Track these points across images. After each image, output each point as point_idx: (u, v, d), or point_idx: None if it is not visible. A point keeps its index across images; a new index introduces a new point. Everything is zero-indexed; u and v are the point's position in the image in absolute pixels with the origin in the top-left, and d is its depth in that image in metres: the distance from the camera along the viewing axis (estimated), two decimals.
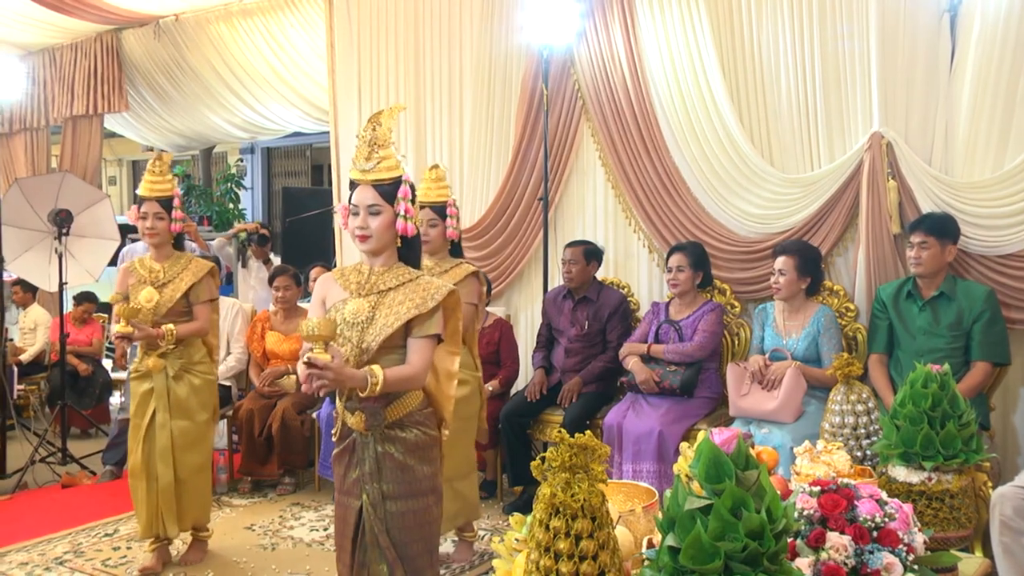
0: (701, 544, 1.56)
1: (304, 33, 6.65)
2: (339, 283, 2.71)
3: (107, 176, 15.47)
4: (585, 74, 5.24)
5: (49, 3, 6.64)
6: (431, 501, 2.66)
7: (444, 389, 2.76)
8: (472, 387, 4.02)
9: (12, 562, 4.34)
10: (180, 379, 4.11)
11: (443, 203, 3.99)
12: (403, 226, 2.62)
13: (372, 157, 2.61)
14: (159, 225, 4.07)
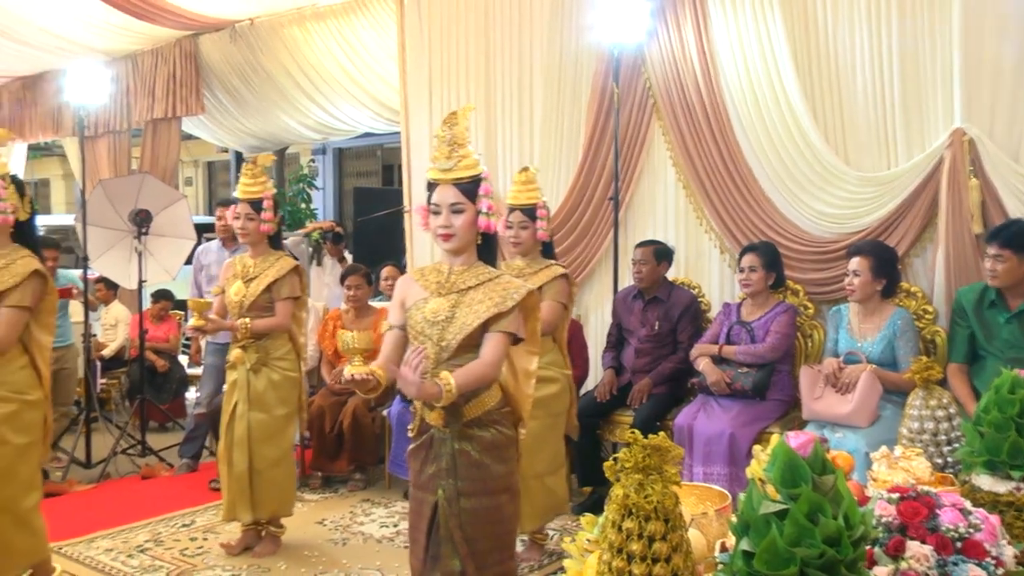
0: (776, 549, 1.54)
1: (376, 35, 6.72)
2: (419, 283, 2.73)
3: (184, 177, 15.85)
4: (656, 72, 5.20)
5: (133, 11, 6.85)
6: (504, 499, 2.68)
7: (523, 388, 2.76)
8: (562, 384, 4.12)
9: (99, 548, 4.50)
10: (258, 373, 4.26)
11: (533, 205, 4.05)
12: (486, 223, 2.64)
13: (452, 156, 2.63)
14: (249, 225, 4.25)
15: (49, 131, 9.19)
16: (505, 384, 2.73)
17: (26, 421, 3.44)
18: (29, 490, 3.48)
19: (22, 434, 3.43)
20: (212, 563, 4.28)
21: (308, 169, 11.91)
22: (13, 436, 3.39)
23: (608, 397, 4.93)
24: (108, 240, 6.49)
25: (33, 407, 3.47)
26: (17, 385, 3.42)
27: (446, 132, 2.66)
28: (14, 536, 3.42)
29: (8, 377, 3.39)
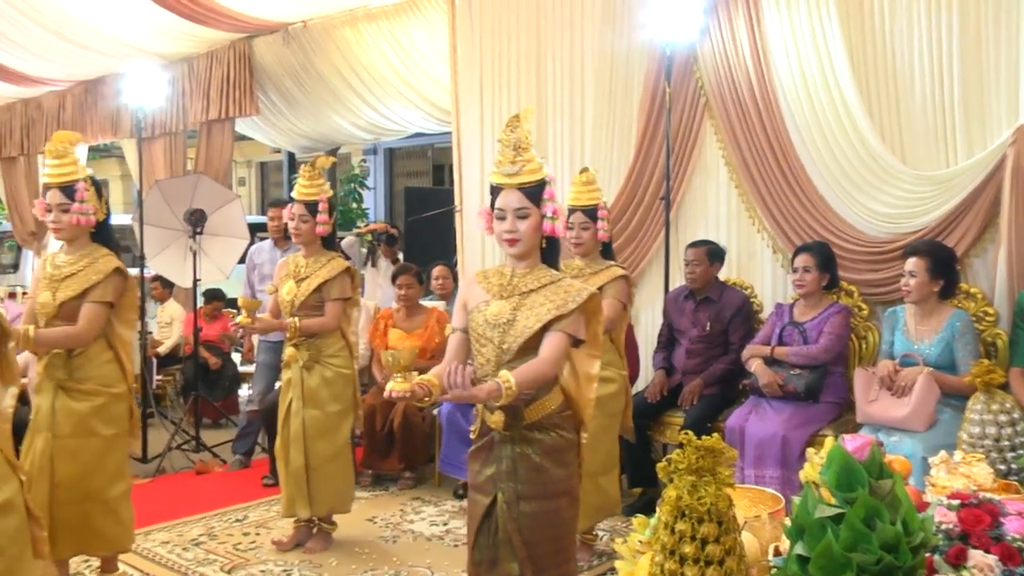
0: (832, 554, 1.51)
1: (427, 36, 6.75)
2: (482, 285, 2.73)
3: (237, 177, 16.09)
4: (708, 71, 5.16)
5: (189, 14, 6.97)
6: (564, 503, 2.66)
7: (584, 392, 2.75)
8: (618, 385, 4.13)
9: (155, 540, 4.59)
10: (311, 370, 4.30)
11: (594, 206, 4.06)
12: (551, 227, 2.63)
13: (517, 161, 2.62)
14: (303, 227, 4.30)
15: (108, 133, 9.37)
16: (567, 387, 2.72)
17: (113, 413, 3.60)
18: (117, 480, 3.64)
19: (110, 426, 3.59)
20: (264, 558, 4.34)
21: (359, 169, 12.03)
22: (102, 428, 3.56)
23: (659, 398, 4.90)
24: (164, 239, 6.60)
25: (119, 400, 3.62)
26: (104, 379, 3.57)
27: (509, 136, 2.64)
28: (103, 523, 3.58)
29: (95, 372, 3.55)
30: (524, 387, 2.49)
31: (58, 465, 3.49)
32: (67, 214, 3.56)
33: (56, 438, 3.50)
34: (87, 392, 3.55)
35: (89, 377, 3.55)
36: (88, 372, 3.55)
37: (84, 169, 3.65)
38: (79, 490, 3.52)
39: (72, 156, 3.63)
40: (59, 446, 3.50)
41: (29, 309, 3.69)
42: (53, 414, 3.51)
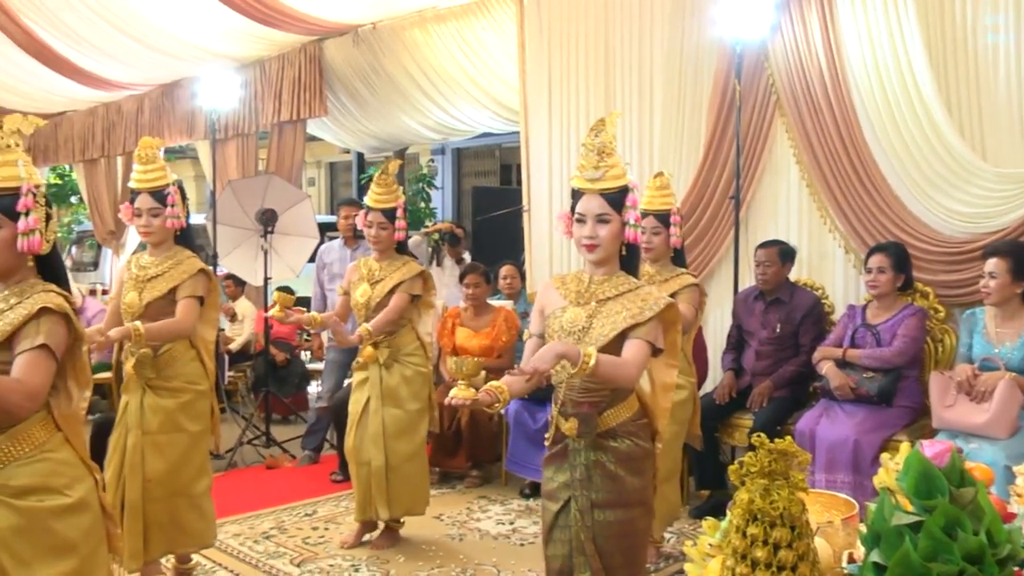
0: (910, 563, 1.47)
1: (495, 36, 6.77)
2: (559, 291, 2.70)
3: (307, 177, 16.33)
4: (780, 68, 5.07)
5: (262, 18, 7.10)
6: (638, 513, 2.64)
7: (660, 401, 2.72)
8: (687, 392, 4.08)
9: (228, 532, 4.68)
10: (390, 368, 4.34)
11: (667, 211, 4.02)
12: (633, 235, 2.60)
13: (600, 166, 2.59)
14: (382, 234, 4.33)
15: (184, 135, 9.59)
16: (642, 396, 2.69)
17: (198, 410, 3.71)
18: (201, 475, 3.74)
19: (195, 422, 3.69)
20: (333, 552, 4.40)
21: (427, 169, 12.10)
22: (188, 424, 3.66)
23: (727, 399, 4.85)
24: (236, 238, 6.74)
25: (203, 397, 3.73)
26: (189, 376, 3.68)
27: (593, 140, 2.61)
28: (188, 517, 3.67)
29: (181, 369, 3.66)
30: (601, 374, 2.45)
31: (149, 461, 3.58)
32: (157, 218, 3.67)
33: (146, 434, 3.59)
34: (174, 389, 3.64)
35: (175, 375, 3.65)
36: (175, 370, 3.65)
37: (171, 174, 3.76)
38: (169, 485, 3.61)
39: (160, 162, 3.74)
40: (149, 442, 3.59)
41: (113, 310, 3.79)
42: (142, 411, 3.60)
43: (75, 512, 2.27)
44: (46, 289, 2.32)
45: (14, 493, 2.19)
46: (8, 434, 2.20)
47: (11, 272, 2.35)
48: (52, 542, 2.23)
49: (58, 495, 2.25)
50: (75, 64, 8.61)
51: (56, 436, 2.29)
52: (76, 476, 2.30)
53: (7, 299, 2.29)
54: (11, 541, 2.17)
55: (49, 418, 2.29)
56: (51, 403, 2.29)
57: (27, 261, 2.36)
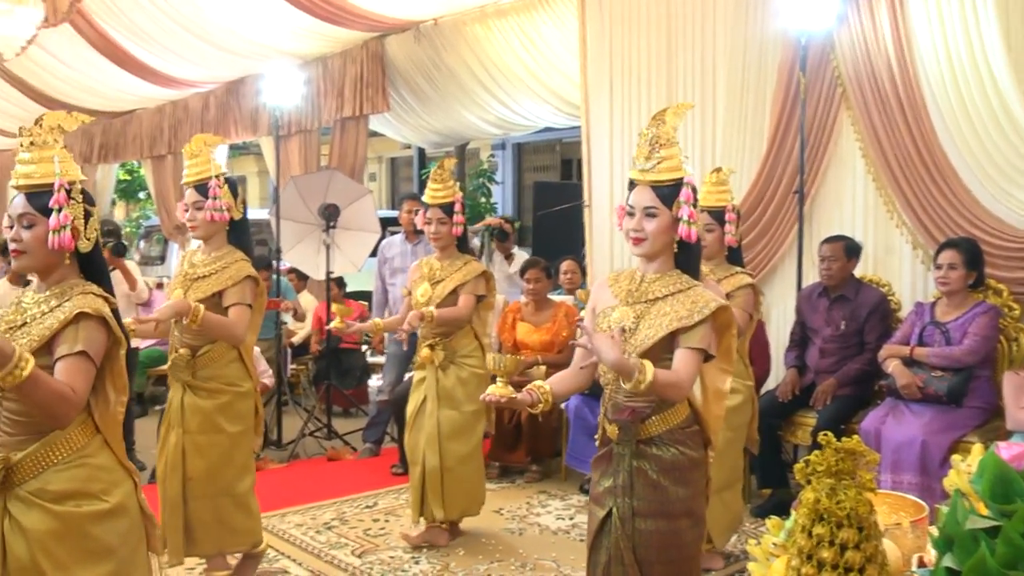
0: (987, 570, 1.42)
1: (556, 30, 6.76)
2: (611, 289, 2.62)
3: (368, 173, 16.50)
4: (846, 59, 4.97)
5: (325, 16, 7.19)
6: (685, 525, 2.52)
7: (713, 408, 2.61)
8: (744, 396, 3.97)
9: (290, 522, 4.78)
10: (446, 370, 4.31)
11: (721, 208, 3.91)
12: (685, 231, 2.49)
13: (652, 157, 2.50)
14: (441, 229, 4.30)
15: (248, 131, 9.76)
16: (694, 402, 2.57)
17: (238, 410, 3.69)
18: (244, 474, 3.73)
19: (235, 423, 3.67)
20: (393, 544, 4.45)
21: (488, 164, 12.14)
22: (227, 424, 3.65)
23: (790, 397, 4.78)
24: (298, 233, 6.83)
25: (245, 397, 3.71)
26: (229, 378, 3.66)
27: (650, 131, 2.53)
28: (234, 516, 3.68)
29: (220, 371, 3.64)
30: (657, 388, 2.36)
31: (189, 460, 3.60)
32: (201, 211, 3.62)
33: (186, 433, 3.61)
34: (211, 391, 3.62)
35: (213, 377, 3.63)
36: (212, 372, 3.63)
37: (218, 167, 3.71)
38: (210, 484, 3.62)
39: (205, 155, 3.69)
40: (189, 441, 3.61)
41: None
42: (183, 410, 3.62)
43: (112, 517, 2.28)
44: (85, 291, 2.30)
45: (52, 498, 2.21)
46: (47, 440, 2.21)
47: (49, 270, 2.33)
48: (89, 546, 2.24)
49: (96, 500, 2.25)
50: (145, 63, 8.83)
51: (95, 440, 2.29)
52: (114, 481, 2.31)
53: (47, 301, 2.28)
54: (49, 545, 2.20)
55: (89, 421, 2.29)
56: (92, 405, 2.29)
57: (64, 259, 2.33)
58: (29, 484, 2.21)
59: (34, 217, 2.29)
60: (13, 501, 2.21)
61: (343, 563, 4.22)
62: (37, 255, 2.30)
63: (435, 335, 4.31)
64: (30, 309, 2.29)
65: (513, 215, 12.44)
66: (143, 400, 7.41)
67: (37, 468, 2.21)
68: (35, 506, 2.20)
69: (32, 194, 2.30)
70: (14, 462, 2.20)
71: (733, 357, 2.66)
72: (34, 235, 2.29)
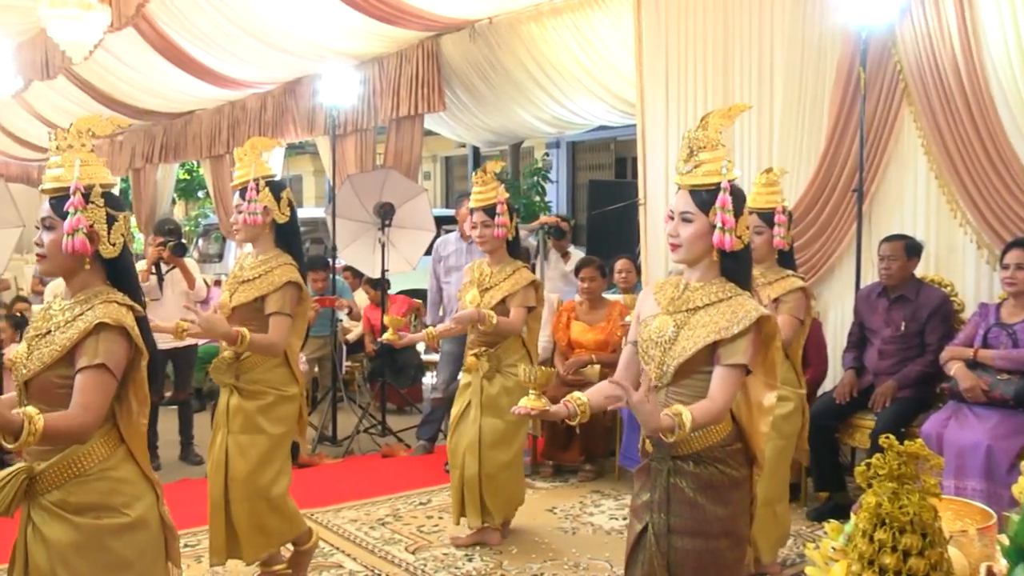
0: None
1: (612, 28, 6.73)
2: (655, 297, 2.54)
3: (422, 171, 16.61)
4: (908, 54, 4.86)
5: (381, 16, 7.25)
6: (724, 545, 2.42)
7: (757, 424, 2.48)
8: (794, 404, 3.85)
9: (344, 518, 4.82)
10: (492, 379, 4.30)
11: (771, 209, 3.80)
12: (719, 239, 2.39)
13: (691, 160, 2.44)
14: (486, 232, 4.26)
15: (305, 131, 9.88)
16: (739, 417, 2.47)
17: (281, 413, 3.69)
18: (280, 477, 3.73)
19: (277, 424, 3.68)
20: (447, 541, 4.47)
21: (542, 162, 12.13)
22: (269, 426, 3.66)
23: (848, 399, 4.69)
24: (354, 231, 6.89)
25: (290, 401, 3.72)
26: (273, 382, 3.66)
27: (692, 133, 2.47)
28: (269, 518, 3.69)
29: (263, 375, 3.65)
30: (697, 428, 2.30)
31: (232, 461, 3.63)
32: (240, 214, 3.65)
33: (230, 434, 3.64)
34: (254, 392, 3.64)
35: (256, 380, 3.64)
36: (255, 376, 3.64)
37: (265, 169, 3.70)
38: (250, 486, 3.63)
39: (250, 158, 3.70)
40: (232, 442, 3.63)
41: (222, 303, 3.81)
42: (228, 411, 3.66)
43: (132, 530, 2.28)
44: (108, 300, 2.27)
45: (74, 510, 2.22)
46: (68, 452, 2.21)
47: (70, 275, 2.32)
48: (108, 559, 2.25)
49: (116, 514, 2.26)
50: (205, 65, 9.00)
51: (119, 451, 2.29)
52: (135, 494, 2.31)
53: (71, 308, 2.27)
54: (69, 557, 2.22)
55: (113, 431, 2.29)
56: (116, 415, 2.29)
57: (84, 264, 2.30)
58: (52, 494, 2.22)
59: (54, 220, 2.29)
60: (36, 510, 2.24)
61: (397, 559, 4.25)
62: (55, 259, 2.31)
63: (481, 343, 4.30)
64: (55, 317, 2.29)
65: (567, 214, 12.41)
66: (202, 396, 7.54)
67: (60, 479, 2.22)
68: (57, 517, 2.22)
69: (55, 198, 2.30)
70: (38, 471, 2.22)
71: (778, 371, 2.54)
72: (52, 239, 2.29)
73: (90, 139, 2.35)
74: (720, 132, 2.46)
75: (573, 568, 4.14)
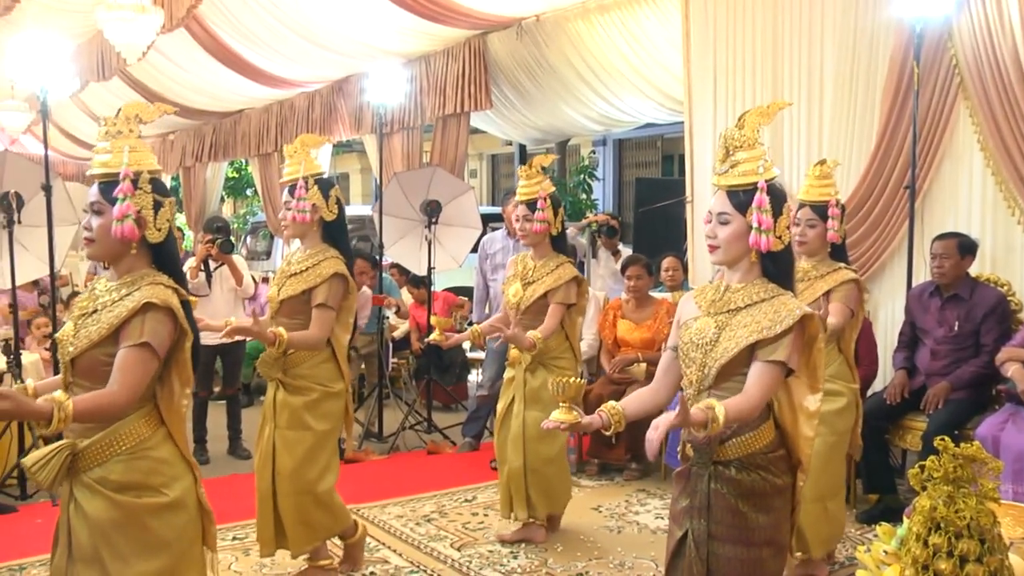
0: None
1: (659, 24, 6.68)
2: (696, 300, 2.51)
3: (468, 169, 16.64)
4: (965, 47, 4.76)
5: (429, 15, 7.28)
6: (767, 554, 2.37)
7: (801, 429, 2.42)
8: (848, 400, 3.80)
9: (390, 514, 4.85)
10: (534, 372, 4.29)
11: (824, 202, 3.76)
12: (755, 239, 2.35)
13: (727, 160, 2.41)
14: (528, 226, 4.25)
15: (352, 130, 9.95)
16: (782, 422, 2.43)
17: (327, 409, 3.73)
18: (326, 473, 3.76)
19: (323, 421, 3.72)
20: (492, 538, 4.47)
21: (589, 160, 12.08)
22: (314, 422, 3.69)
23: (899, 400, 4.61)
24: (401, 229, 6.94)
25: (336, 397, 3.75)
26: (319, 377, 3.70)
27: (728, 133, 2.44)
28: (314, 513, 3.72)
29: (310, 371, 3.68)
30: (731, 422, 2.26)
31: (278, 455, 3.67)
32: (289, 211, 3.69)
33: (277, 428, 3.68)
34: (300, 388, 3.67)
35: (302, 376, 3.67)
36: (302, 371, 3.67)
37: (314, 167, 3.74)
38: (296, 481, 3.66)
39: (298, 157, 3.74)
40: (279, 436, 3.67)
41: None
42: (275, 406, 3.69)
43: (171, 511, 2.32)
44: (154, 282, 2.31)
45: (114, 487, 2.26)
46: (112, 429, 2.26)
47: (117, 259, 2.36)
48: (147, 538, 2.29)
49: (155, 493, 2.29)
50: (254, 65, 9.12)
51: (159, 432, 2.33)
52: (174, 475, 2.34)
53: (118, 290, 2.31)
54: (110, 533, 2.26)
55: (154, 412, 2.33)
56: (157, 396, 2.33)
57: (131, 249, 2.33)
58: (93, 472, 2.27)
59: (103, 205, 2.33)
60: (79, 487, 2.28)
61: (442, 555, 4.26)
62: (103, 243, 2.34)
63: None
64: (101, 297, 2.34)
65: (614, 211, 12.36)
66: (250, 391, 7.64)
67: (101, 456, 2.26)
68: (98, 494, 2.26)
69: (104, 183, 2.35)
70: (80, 448, 2.26)
71: (821, 373, 2.47)
72: (101, 224, 2.33)
73: (137, 125, 2.39)
74: (757, 131, 2.42)
75: (618, 567, 4.13)
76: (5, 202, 5.26)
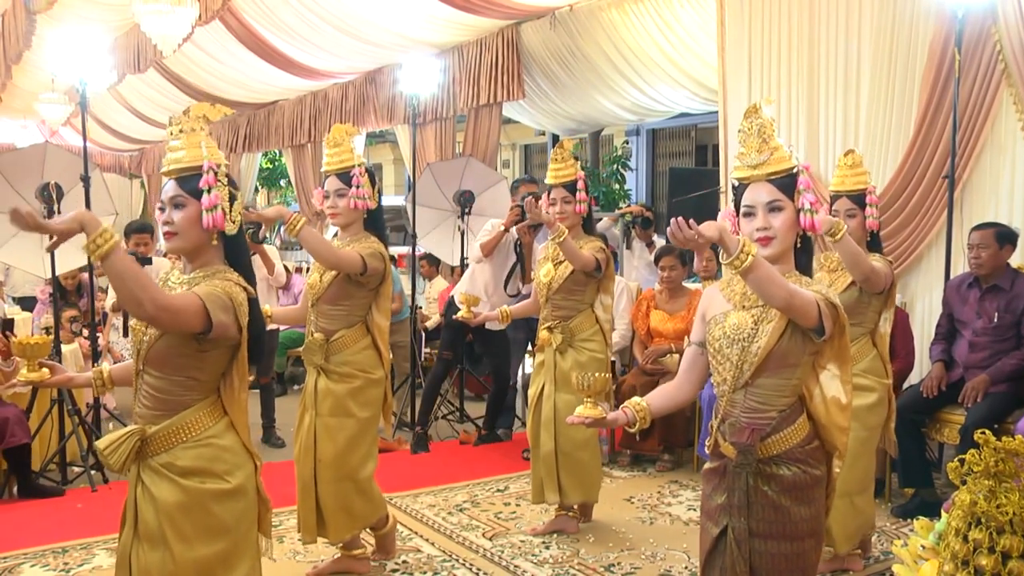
0: None
1: (694, 14, 6.63)
2: (723, 294, 2.44)
3: (501, 159, 16.63)
4: (1011, 33, 4.66)
5: (463, 5, 7.28)
6: (809, 546, 2.37)
7: (835, 419, 2.40)
8: (880, 395, 3.77)
9: (423, 503, 4.88)
10: (564, 353, 4.28)
11: (861, 191, 3.73)
12: (808, 221, 2.33)
13: (764, 149, 2.35)
14: (567, 208, 4.22)
15: (384, 120, 9.98)
16: (816, 413, 2.40)
17: (369, 396, 3.78)
18: (367, 460, 3.80)
19: (365, 408, 3.76)
20: (524, 528, 4.48)
21: (622, 150, 12.02)
22: (357, 410, 3.74)
23: (936, 393, 4.54)
24: (434, 219, 6.95)
25: (376, 384, 3.79)
26: (361, 364, 3.74)
27: (752, 124, 2.38)
28: (355, 501, 3.76)
29: (352, 357, 3.72)
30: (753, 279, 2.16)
31: (320, 443, 3.70)
32: (343, 199, 3.71)
33: (318, 416, 3.71)
34: (344, 375, 3.71)
35: (346, 362, 3.71)
36: (345, 358, 3.71)
37: (359, 157, 3.80)
38: (337, 468, 3.70)
39: (348, 144, 3.78)
40: (321, 424, 3.71)
41: (306, 292, 3.87)
42: (316, 393, 3.73)
43: (232, 497, 2.39)
44: (227, 278, 2.37)
45: (180, 472, 2.34)
46: (179, 417, 2.34)
47: (198, 252, 2.41)
48: (209, 523, 2.36)
49: (219, 479, 2.37)
50: (288, 56, 9.16)
51: (222, 422, 2.41)
52: (237, 463, 2.41)
53: (191, 282, 2.37)
54: (175, 516, 2.33)
55: (218, 403, 2.41)
56: (220, 388, 2.41)
57: (212, 240, 2.40)
58: (160, 457, 2.35)
59: (184, 199, 2.38)
60: (146, 471, 2.37)
61: (474, 544, 4.28)
62: (188, 235, 2.39)
63: (555, 317, 4.28)
64: (175, 289, 2.39)
65: (647, 202, 12.29)
66: (283, 380, 7.69)
67: (168, 443, 2.35)
68: (164, 478, 2.34)
69: (182, 178, 2.40)
70: (148, 434, 2.35)
71: (849, 366, 2.43)
72: (185, 216, 2.38)
73: (205, 123, 2.47)
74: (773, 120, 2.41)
75: (650, 558, 4.12)
76: (46, 193, 5.34)
